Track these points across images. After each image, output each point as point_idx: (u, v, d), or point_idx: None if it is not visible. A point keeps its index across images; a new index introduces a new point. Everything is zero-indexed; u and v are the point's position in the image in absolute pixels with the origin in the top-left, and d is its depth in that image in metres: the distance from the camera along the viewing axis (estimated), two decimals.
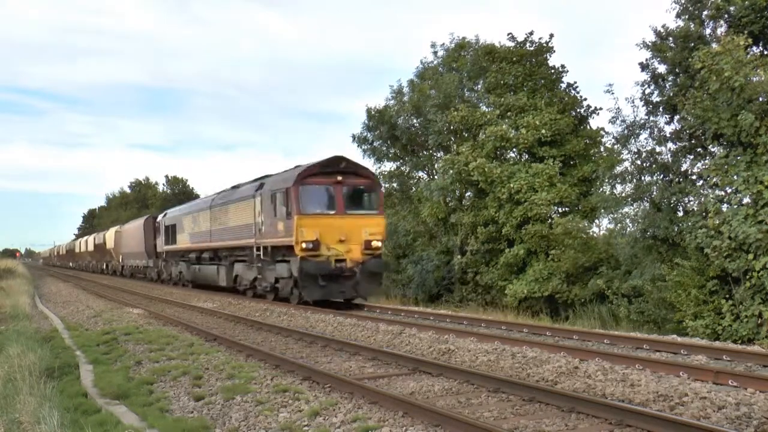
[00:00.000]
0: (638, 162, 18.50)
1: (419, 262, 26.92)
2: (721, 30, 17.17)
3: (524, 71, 25.25)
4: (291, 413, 7.33)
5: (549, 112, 23.90)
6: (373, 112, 30.90)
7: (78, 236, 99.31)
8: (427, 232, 28.40)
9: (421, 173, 31.50)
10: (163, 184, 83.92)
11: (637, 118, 18.54)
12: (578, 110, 25.34)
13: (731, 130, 14.96)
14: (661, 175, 18.04)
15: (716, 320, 14.78)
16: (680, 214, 17.42)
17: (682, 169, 17.78)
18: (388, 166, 31.96)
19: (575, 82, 25.66)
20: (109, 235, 51.58)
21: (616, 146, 19.70)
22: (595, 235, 22.64)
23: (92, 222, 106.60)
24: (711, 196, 15.63)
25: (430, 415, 6.78)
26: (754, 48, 16.32)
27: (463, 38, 29.47)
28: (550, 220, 22.83)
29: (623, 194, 19.02)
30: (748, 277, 14.22)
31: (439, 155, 29.20)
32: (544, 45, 25.52)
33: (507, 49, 25.61)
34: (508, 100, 24.79)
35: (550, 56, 25.60)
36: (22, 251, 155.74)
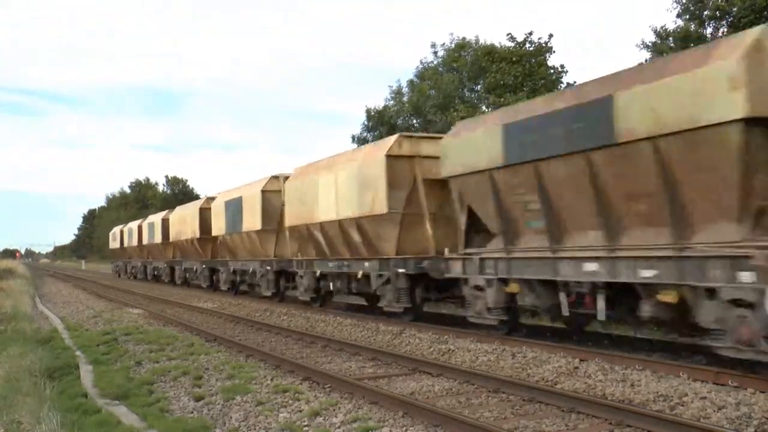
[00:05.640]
0: None
1: None
2: (721, 30, 17.17)
3: (524, 71, 25.24)
4: (291, 413, 7.33)
5: None
6: (372, 113, 30.87)
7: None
8: None
9: None
10: (163, 184, 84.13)
11: None
12: None
13: None
14: None
15: None
16: None
17: None
18: None
19: (575, 82, 25.71)
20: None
21: None
22: None
23: (92, 222, 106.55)
24: None
25: (430, 415, 6.79)
26: None
27: (463, 38, 29.52)
28: None
29: None
30: None
31: None
32: (544, 45, 25.54)
33: (507, 49, 25.63)
34: (508, 101, 24.77)
35: (550, 56, 25.65)
36: (22, 251, 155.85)
